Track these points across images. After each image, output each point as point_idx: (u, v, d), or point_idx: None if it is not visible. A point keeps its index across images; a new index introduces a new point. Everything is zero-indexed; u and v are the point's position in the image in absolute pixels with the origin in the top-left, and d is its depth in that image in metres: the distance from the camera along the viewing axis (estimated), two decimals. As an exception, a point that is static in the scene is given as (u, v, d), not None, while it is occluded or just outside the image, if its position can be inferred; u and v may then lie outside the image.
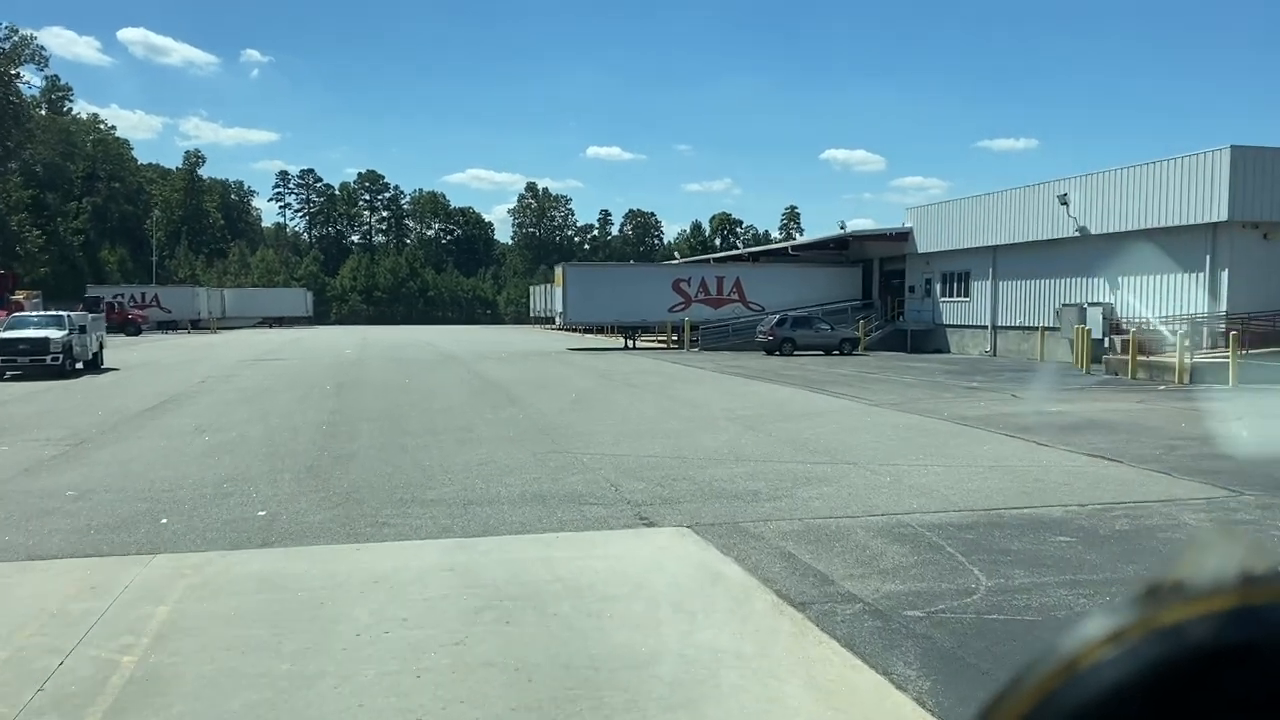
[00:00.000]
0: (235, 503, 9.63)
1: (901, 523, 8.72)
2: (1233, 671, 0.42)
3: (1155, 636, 0.44)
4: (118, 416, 16.80)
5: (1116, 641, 0.45)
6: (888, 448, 12.89)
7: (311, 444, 13.46)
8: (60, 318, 26.23)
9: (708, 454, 12.39)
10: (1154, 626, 0.45)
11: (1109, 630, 0.45)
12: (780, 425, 15.13)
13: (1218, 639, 0.43)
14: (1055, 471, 11.19)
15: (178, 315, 71.45)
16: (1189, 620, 0.44)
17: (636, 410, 17.53)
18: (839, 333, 35.18)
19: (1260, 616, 0.44)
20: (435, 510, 9.28)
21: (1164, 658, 0.44)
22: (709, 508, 9.30)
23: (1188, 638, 0.44)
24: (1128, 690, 0.43)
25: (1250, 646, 0.43)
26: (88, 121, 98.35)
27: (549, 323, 79.06)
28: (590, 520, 8.87)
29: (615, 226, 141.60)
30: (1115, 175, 29.12)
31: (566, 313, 41.06)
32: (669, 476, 10.86)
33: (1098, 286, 29.75)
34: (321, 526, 8.70)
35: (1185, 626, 0.44)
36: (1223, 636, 0.43)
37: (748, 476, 10.85)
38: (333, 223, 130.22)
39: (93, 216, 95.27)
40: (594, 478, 10.84)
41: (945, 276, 38.22)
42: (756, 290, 41.91)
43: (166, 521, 8.85)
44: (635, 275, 43.79)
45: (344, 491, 10.21)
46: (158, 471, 11.33)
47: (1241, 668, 0.42)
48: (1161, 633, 0.44)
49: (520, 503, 9.60)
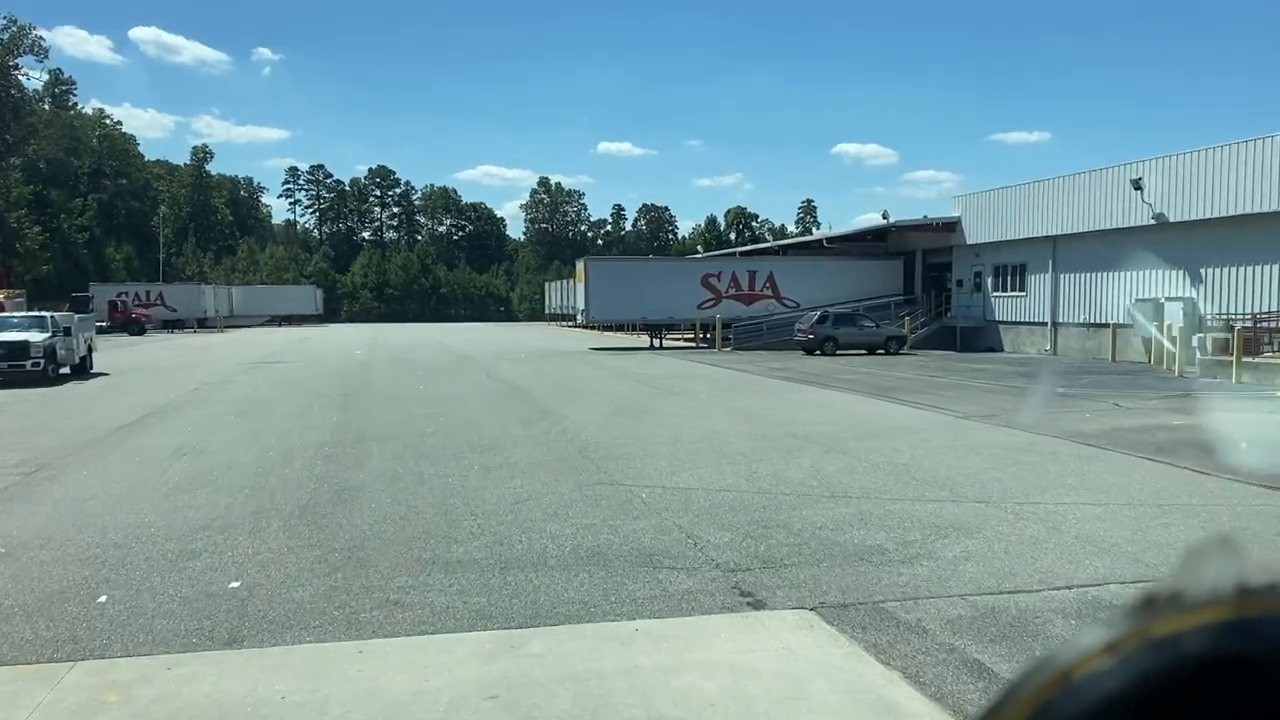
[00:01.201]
0: (203, 566, 7.37)
1: (1099, 600, 6.39)
2: (1227, 683, 0.42)
3: (1150, 647, 0.43)
4: (89, 435, 14.58)
5: (1112, 652, 0.44)
6: (1013, 477, 10.54)
7: (309, 473, 11.20)
8: (43, 319, 24.04)
9: (794, 487, 10.08)
10: (1149, 637, 0.44)
11: (1104, 640, 0.44)
12: (865, 445, 12.79)
13: (1213, 650, 0.42)
14: (1246, 513, 8.83)
15: (183, 314, 69.43)
16: (1184, 631, 0.43)
17: (689, 425, 15.21)
18: (884, 330, 32.68)
19: (1256, 629, 0.43)
20: (464, 577, 7.00)
21: (1159, 668, 0.43)
22: (829, 575, 6.98)
23: (1183, 649, 0.43)
24: (1122, 700, 0.43)
25: (1245, 658, 0.42)
26: (93, 116, 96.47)
27: (565, 320, 76.82)
28: (673, 596, 6.57)
29: (629, 221, 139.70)
30: (1200, 157, 26.45)
31: (588, 310, 38.48)
32: (756, 523, 8.55)
33: (1176, 280, 27.21)
34: (312, 606, 6.43)
35: (1181, 637, 0.43)
36: (1218, 648, 0.42)
37: (858, 522, 8.52)
38: (343, 219, 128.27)
39: (99, 213, 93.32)
40: (662, 523, 8.54)
41: (998, 269, 35.58)
42: (790, 285, 39.32)
43: (106, 600, 6.58)
44: (662, 270, 41.17)
45: (345, 546, 7.94)
46: (116, 515, 9.09)
47: (1236, 680, 0.42)
48: (1157, 643, 0.43)
49: (574, 565, 7.31)
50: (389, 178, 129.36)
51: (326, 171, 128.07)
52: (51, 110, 79.84)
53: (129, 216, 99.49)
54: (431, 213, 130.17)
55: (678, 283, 38.71)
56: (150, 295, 69.20)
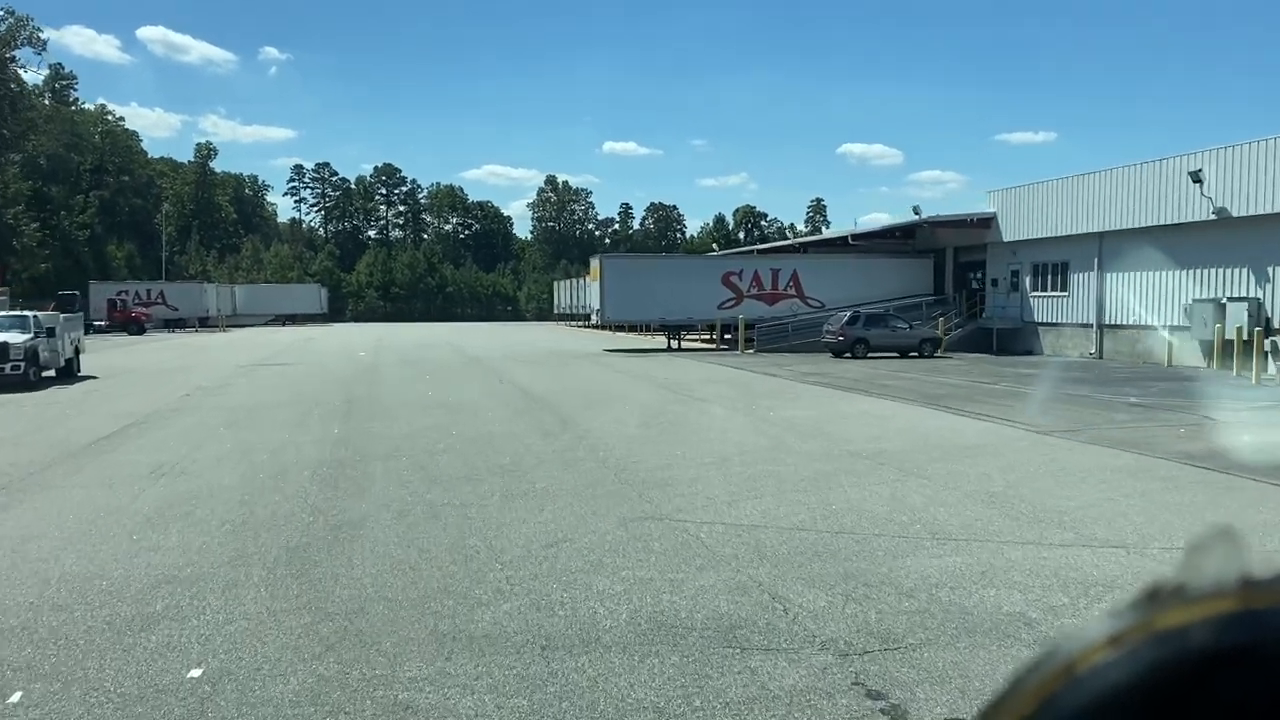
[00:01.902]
0: (159, 642, 5.73)
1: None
2: (1233, 675, 0.41)
3: (1155, 639, 0.43)
4: (61, 449, 12.98)
5: (1116, 644, 0.44)
6: (1140, 512, 8.86)
7: (302, 501, 9.56)
8: (25, 319, 22.44)
9: (881, 524, 8.41)
10: (1154, 629, 0.44)
11: (1109, 633, 0.44)
12: (944, 468, 11.11)
13: (1218, 642, 0.42)
14: None
15: (185, 313, 67.89)
16: (1189, 623, 0.43)
17: (732, 440, 13.55)
18: (918, 332, 30.92)
19: (1261, 620, 0.43)
20: (495, 662, 5.36)
21: (1164, 661, 0.43)
22: (975, 662, 5.31)
23: (1188, 641, 0.43)
24: (1127, 693, 0.42)
25: (1251, 650, 0.42)
26: (94, 112, 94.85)
27: (574, 320, 75.16)
28: (777, 697, 4.91)
29: (637, 220, 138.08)
30: (1266, 147, 24.65)
31: (603, 310, 36.56)
32: (853, 577, 6.88)
33: (1240, 278, 25.45)
34: (295, 712, 4.78)
35: (1186, 630, 0.43)
36: (1223, 640, 0.42)
37: (980, 577, 6.85)
38: (349, 217, 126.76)
39: (100, 210, 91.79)
40: (735, 578, 6.88)
41: (1037, 268, 33.74)
42: (815, 284, 37.39)
43: (19, 699, 4.94)
44: (681, 268, 39.27)
45: (342, 610, 6.29)
46: (65, 560, 7.46)
47: (1242, 671, 0.41)
48: (1162, 636, 0.43)
49: (636, 642, 5.66)
50: (395, 175, 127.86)
51: (332, 169, 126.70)
52: (52, 105, 78.27)
53: (132, 214, 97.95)
54: (438, 211, 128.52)
55: (697, 281, 36.87)
56: (151, 294, 67.70)
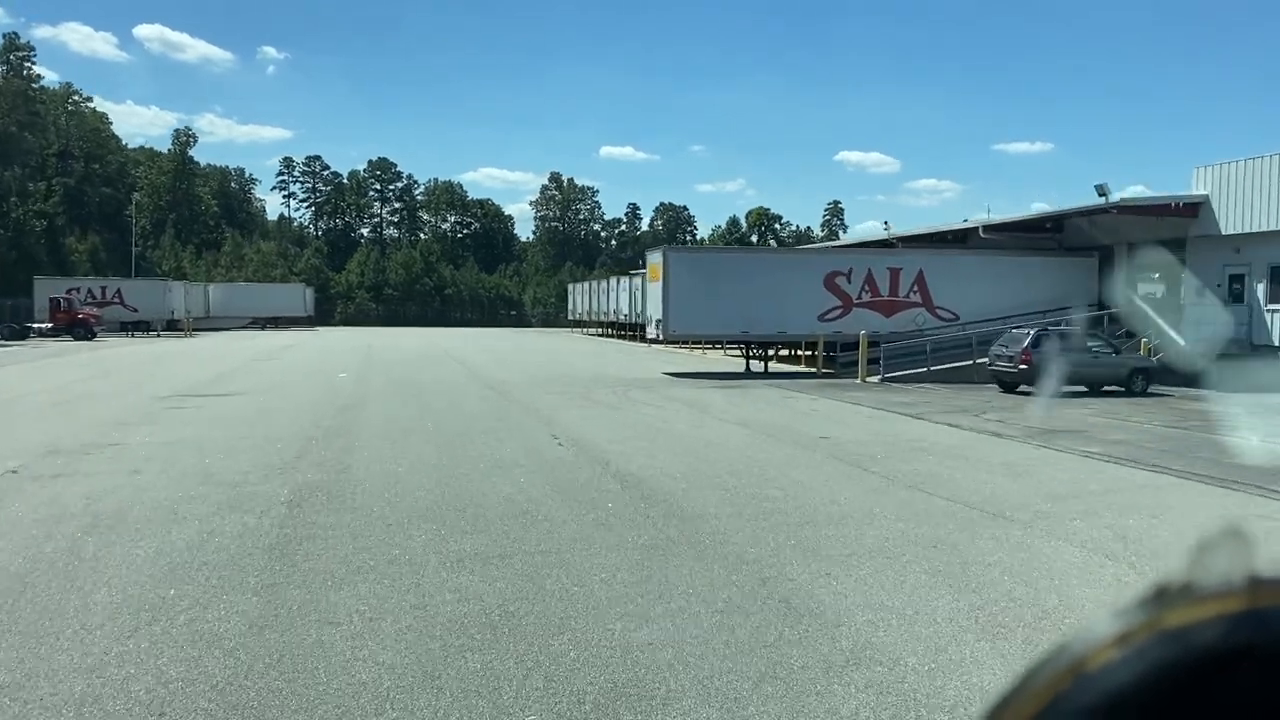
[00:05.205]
0: None
1: None
2: (1240, 674, 0.41)
3: (1163, 638, 0.43)
4: None
5: (1124, 643, 0.44)
6: None
7: None
8: None
9: None
10: (1161, 628, 0.44)
11: (1117, 632, 0.44)
12: None
13: (1225, 641, 0.42)
14: None
15: (146, 314, 58.98)
16: (1197, 622, 0.43)
17: None
18: (1127, 359, 22.20)
19: (1268, 619, 0.43)
20: None
21: (1171, 660, 0.43)
22: None
23: (1195, 640, 0.43)
24: (1135, 692, 0.43)
25: (1258, 649, 0.42)
26: (59, 92, 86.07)
27: (589, 326, 66.61)
28: None
29: (644, 221, 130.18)
30: None
31: (667, 320, 27.01)
32: None
33: None
34: None
35: (1193, 629, 0.43)
36: (1230, 639, 0.42)
37: None
38: (340, 214, 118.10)
39: (64, 199, 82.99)
40: None
41: (1275, 271, 25.20)
42: (946, 289, 28.32)
43: None
44: (770, 265, 28.32)
45: None
46: None
47: (1249, 670, 0.41)
48: (1169, 635, 0.43)
49: None
50: (389, 170, 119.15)
51: (324, 163, 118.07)
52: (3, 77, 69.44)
53: (101, 205, 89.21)
54: (435, 209, 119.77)
55: (792, 283, 27.52)
56: (106, 292, 58.75)
